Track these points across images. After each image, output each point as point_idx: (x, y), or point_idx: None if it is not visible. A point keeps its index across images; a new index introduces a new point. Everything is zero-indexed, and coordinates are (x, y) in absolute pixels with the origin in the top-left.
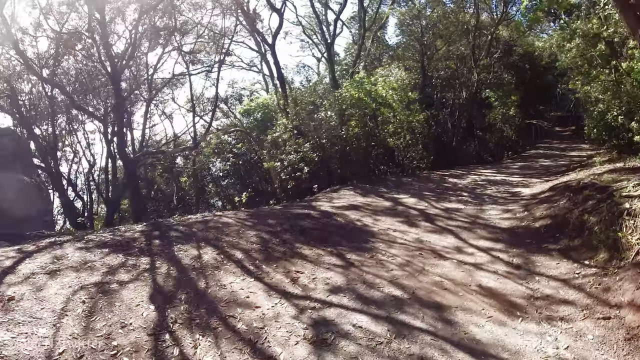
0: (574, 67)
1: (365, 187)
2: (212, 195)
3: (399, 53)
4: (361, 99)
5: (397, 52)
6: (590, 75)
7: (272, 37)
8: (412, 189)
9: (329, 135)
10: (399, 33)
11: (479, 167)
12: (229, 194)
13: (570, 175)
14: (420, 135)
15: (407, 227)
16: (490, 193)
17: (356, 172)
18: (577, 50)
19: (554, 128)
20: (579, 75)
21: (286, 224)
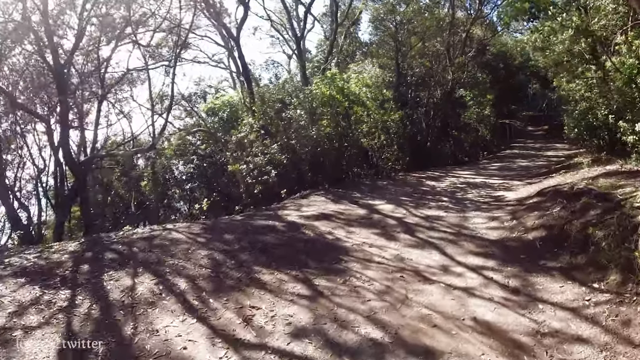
0: (560, 63)
1: (338, 192)
2: (176, 200)
3: (373, 50)
4: (333, 97)
5: (370, 49)
6: (575, 71)
7: (236, 30)
8: (388, 194)
9: (298, 135)
10: (372, 29)
11: (456, 168)
12: (194, 198)
13: (556, 177)
14: (395, 135)
15: (385, 240)
16: (471, 197)
17: (328, 175)
18: (563, 46)
19: (527, 128)
20: (564, 72)
21: (245, 239)
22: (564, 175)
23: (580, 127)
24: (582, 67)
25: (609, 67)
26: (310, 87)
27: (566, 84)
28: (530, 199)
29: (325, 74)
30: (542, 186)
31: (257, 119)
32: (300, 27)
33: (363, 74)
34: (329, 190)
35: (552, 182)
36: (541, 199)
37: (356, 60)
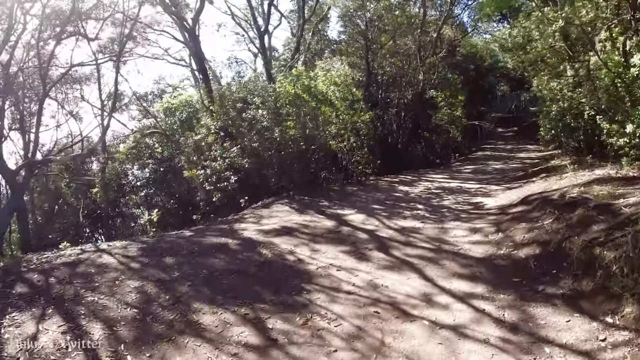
0: (541, 60)
1: (304, 199)
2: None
3: (342, 48)
4: (298, 96)
5: (340, 47)
6: (557, 69)
7: (192, 21)
8: (358, 201)
9: (261, 137)
10: (342, 26)
11: (429, 172)
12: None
13: (538, 183)
14: (365, 137)
15: (356, 261)
16: (448, 205)
17: (294, 180)
18: (547, 41)
19: (497, 129)
20: (546, 70)
21: (189, 264)
22: (546, 180)
23: (557, 128)
24: (565, 65)
25: (594, 64)
26: (273, 85)
27: (547, 82)
28: (514, 208)
29: (290, 72)
30: (524, 192)
31: (216, 119)
32: (264, 20)
33: (331, 71)
34: (294, 197)
35: (534, 187)
36: (527, 207)
37: (325, 57)
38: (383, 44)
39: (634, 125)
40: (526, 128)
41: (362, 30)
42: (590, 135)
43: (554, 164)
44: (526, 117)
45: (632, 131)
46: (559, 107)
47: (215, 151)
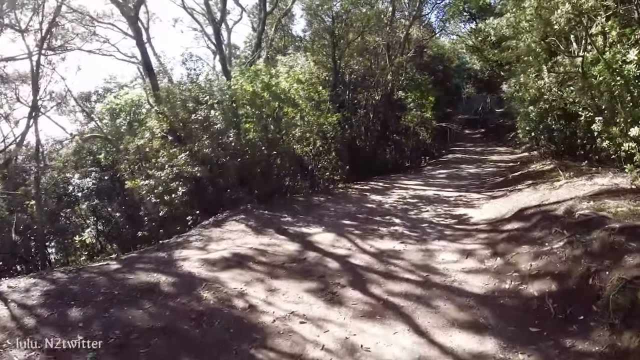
0: (528, 55)
1: (264, 214)
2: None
3: (307, 45)
4: (258, 95)
5: (305, 44)
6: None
7: (134, 7)
8: (326, 215)
9: (215, 142)
10: (307, 21)
11: (401, 177)
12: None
13: (527, 192)
14: (332, 140)
15: (325, 305)
16: (429, 218)
17: (253, 191)
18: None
19: (464, 131)
20: (533, 66)
21: (100, 319)
22: (536, 189)
23: (537, 130)
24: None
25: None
26: (227, 82)
27: (533, 80)
28: (507, 223)
29: (248, 68)
30: (514, 203)
31: (162, 121)
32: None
33: (295, 68)
34: (252, 211)
35: (525, 198)
36: (524, 224)
37: (288, 54)
38: (351, 41)
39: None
40: (493, 130)
41: (329, 26)
42: (572, 138)
43: (536, 168)
44: (493, 119)
45: (638, 134)
46: (539, 107)
47: (162, 158)
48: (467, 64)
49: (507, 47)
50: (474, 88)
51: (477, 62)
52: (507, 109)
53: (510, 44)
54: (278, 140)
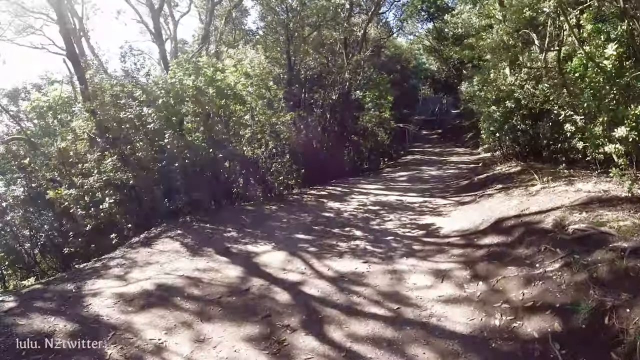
0: (498, 49)
1: (205, 228)
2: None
3: (260, 39)
4: (201, 90)
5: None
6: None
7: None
8: (278, 228)
9: (150, 144)
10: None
11: (360, 181)
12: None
13: (499, 198)
14: (287, 142)
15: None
16: (393, 229)
17: (195, 199)
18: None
19: (421, 132)
20: (505, 60)
21: None
22: (509, 195)
23: (501, 130)
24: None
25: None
26: (166, 76)
27: (503, 77)
28: (483, 237)
29: (189, 60)
30: (486, 211)
31: (89, 120)
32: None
33: (244, 61)
34: (192, 225)
35: (498, 205)
36: (505, 239)
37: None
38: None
39: (628, 129)
40: (450, 131)
41: (283, 20)
42: (538, 138)
43: (502, 171)
44: (449, 120)
45: (624, 135)
46: (504, 107)
47: (89, 163)
48: (423, 65)
49: (469, 45)
50: (430, 89)
51: (434, 63)
52: (463, 110)
53: (476, 40)
54: (224, 141)
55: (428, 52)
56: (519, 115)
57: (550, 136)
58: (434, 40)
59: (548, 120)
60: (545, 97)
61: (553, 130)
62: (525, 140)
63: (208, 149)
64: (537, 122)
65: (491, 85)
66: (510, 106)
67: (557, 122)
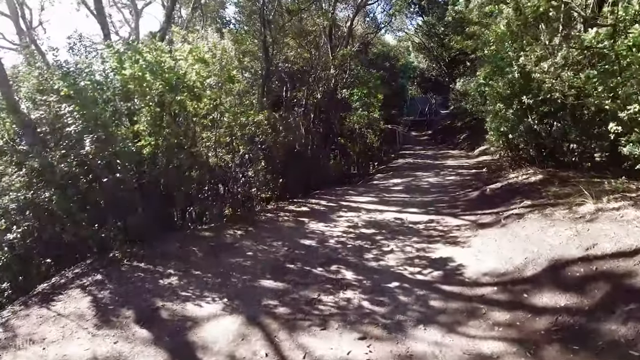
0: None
1: (136, 270)
2: None
3: (235, 30)
4: (143, 81)
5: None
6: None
7: None
8: (237, 269)
9: (72, 152)
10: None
11: (349, 191)
12: None
13: (537, 221)
14: (262, 146)
15: None
16: (397, 268)
17: (132, 226)
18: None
19: (410, 133)
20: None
21: None
22: (548, 217)
23: (515, 131)
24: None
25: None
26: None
27: (534, 62)
28: (536, 291)
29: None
30: (523, 242)
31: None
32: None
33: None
34: (119, 265)
35: (539, 233)
36: (576, 300)
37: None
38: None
39: None
40: (441, 132)
41: (259, 8)
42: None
43: (520, 180)
44: (439, 120)
45: None
46: (519, 103)
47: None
48: (412, 64)
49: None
50: (418, 88)
51: (423, 61)
52: (455, 110)
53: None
54: (180, 147)
55: (417, 50)
56: (538, 113)
57: (576, 138)
58: (423, 36)
59: (577, 117)
60: (589, 88)
61: (583, 129)
62: (546, 143)
63: (153, 158)
64: (560, 120)
65: (505, 77)
66: (528, 102)
67: (590, 120)
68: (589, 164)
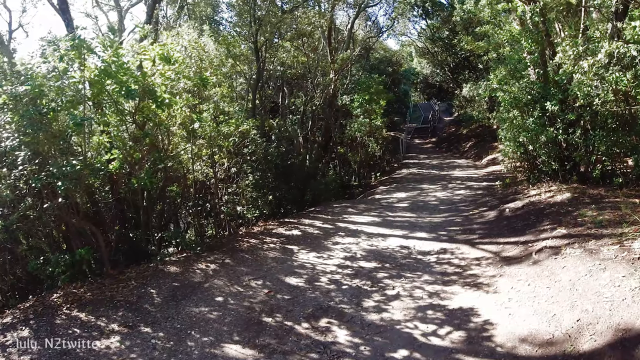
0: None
1: (71, 323)
2: None
3: (224, 33)
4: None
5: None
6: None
7: None
8: (200, 325)
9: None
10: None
11: (349, 209)
12: None
13: (582, 261)
14: (252, 158)
15: None
16: (404, 323)
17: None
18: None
19: (414, 141)
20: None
21: None
22: (599, 259)
23: (534, 143)
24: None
25: None
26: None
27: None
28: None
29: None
30: (567, 294)
31: None
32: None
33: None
34: (56, 312)
35: (588, 280)
36: None
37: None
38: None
39: None
40: (446, 139)
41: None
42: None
43: (543, 199)
44: (443, 128)
45: None
46: (542, 110)
47: None
48: (415, 69)
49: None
50: (421, 95)
51: (427, 67)
52: (461, 117)
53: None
54: (155, 161)
55: (420, 55)
56: (563, 122)
57: (607, 150)
58: (427, 41)
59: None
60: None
61: (616, 140)
62: (572, 155)
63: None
64: (590, 130)
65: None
66: (552, 109)
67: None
68: (619, 179)
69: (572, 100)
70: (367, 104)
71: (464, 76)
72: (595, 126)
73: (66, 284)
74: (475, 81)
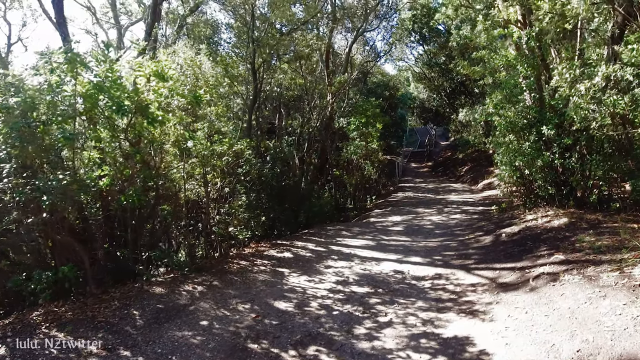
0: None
1: (53, 345)
2: None
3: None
4: (92, 99)
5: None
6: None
7: None
8: (182, 349)
9: None
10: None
11: (343, 232)
12: None
13: (580, 288)
14: (246, 178)
15: None
16: (395, 354)
17: (61, 279)
18: None
19: (410, 165)
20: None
21: None
22: (598, 286)
23: (532, 168)
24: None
25: None
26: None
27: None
28: None
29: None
30: (566, 323)
31: None
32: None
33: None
34: (34, 333)
35: (588, 309)
36: None
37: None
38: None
39: None
40: (442, 164)
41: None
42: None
43: (539, 223)
44: (439, 152)
45: None
46: (538, 134)
47: None
48: (412, 94)
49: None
50: (418, 119)
51: (423, 91)
52: (457, 141)
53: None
54: (145, 179)
55: (417, 80)
56: (560, 146)
57: (604, 175)
58: (424, 66)
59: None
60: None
61: (613, 165)
62: (569, 180)
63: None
64: (587, 155)
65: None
66: (549, 133)
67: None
68: (617, 204)
69: (569, 125)
70: (364, 126)
71: (460, 101)
72: (592, 151)
73: (47, 301)
74: (471, 106)
